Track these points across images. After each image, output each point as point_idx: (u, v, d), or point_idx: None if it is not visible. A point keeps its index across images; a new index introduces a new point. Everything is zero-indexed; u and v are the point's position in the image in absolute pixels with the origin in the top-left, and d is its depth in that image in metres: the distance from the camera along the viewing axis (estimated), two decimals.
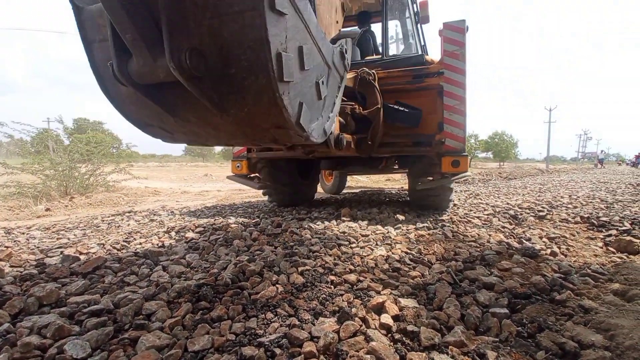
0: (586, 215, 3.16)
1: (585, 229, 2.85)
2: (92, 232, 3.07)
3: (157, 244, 2.36)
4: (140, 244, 2.42)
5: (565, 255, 2.11)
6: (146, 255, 2.07)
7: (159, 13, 1.08)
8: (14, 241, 2.77)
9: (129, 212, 4.15)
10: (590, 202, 4.08)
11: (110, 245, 2.37)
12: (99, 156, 7.74)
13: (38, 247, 2.45)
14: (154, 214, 3.90)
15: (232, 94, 1.21)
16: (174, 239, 2.53)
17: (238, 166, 3.90)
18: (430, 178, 3.56)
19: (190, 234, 2.59)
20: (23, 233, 3.13)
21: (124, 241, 2.50)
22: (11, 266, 1.99)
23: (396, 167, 4.64)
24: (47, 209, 4.97)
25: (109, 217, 3.85)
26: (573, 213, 3.35)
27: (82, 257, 2.07)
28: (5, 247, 2.51)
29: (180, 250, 2.18)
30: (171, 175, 17.50)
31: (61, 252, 2.22)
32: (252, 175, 4.02)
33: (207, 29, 1.10)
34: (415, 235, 2.50)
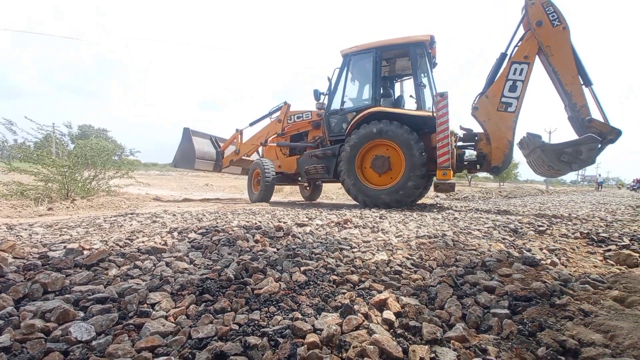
0: (586, 232, 3.17)
1: (585, 244, 2.86)
2: (94, 230, 3.08)
3: (160, 243, 2.37)
4: (143, 242, 2.43)
5: (565, 266, 2.12)
6: (149, 252, 2.08)
7: None
8: (17, 236, 2.78)
9: (131, 214, 4.16)
10: (590, 220, 4.10)
11: (114, 243, 2.38)
12: (101, 162, 7.79)
13: (41, 242, 2.46)
14: (156, 216, 3.91)
15: None
16: (177, 238, 2.54)
17: (444, 174, 5.53)
18: None
19: (192, 235, 2.61)
20: (25, 229, 3.14)
21: (126, 239, 2.51)
22: (14, 257, 1.98)
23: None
24: (50, 209, 4.98)
25: (111, 217, 3.86)
26: (573, 229, 3.36)
27: (85, 252, 2.08)
28: (8, 240, 2.51)
29: (183, 249, 2.19)
30: (172, 183, 17.53)
31: (64, 247, 2.23)
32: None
33: None
34: (416, 242, 2.51)
